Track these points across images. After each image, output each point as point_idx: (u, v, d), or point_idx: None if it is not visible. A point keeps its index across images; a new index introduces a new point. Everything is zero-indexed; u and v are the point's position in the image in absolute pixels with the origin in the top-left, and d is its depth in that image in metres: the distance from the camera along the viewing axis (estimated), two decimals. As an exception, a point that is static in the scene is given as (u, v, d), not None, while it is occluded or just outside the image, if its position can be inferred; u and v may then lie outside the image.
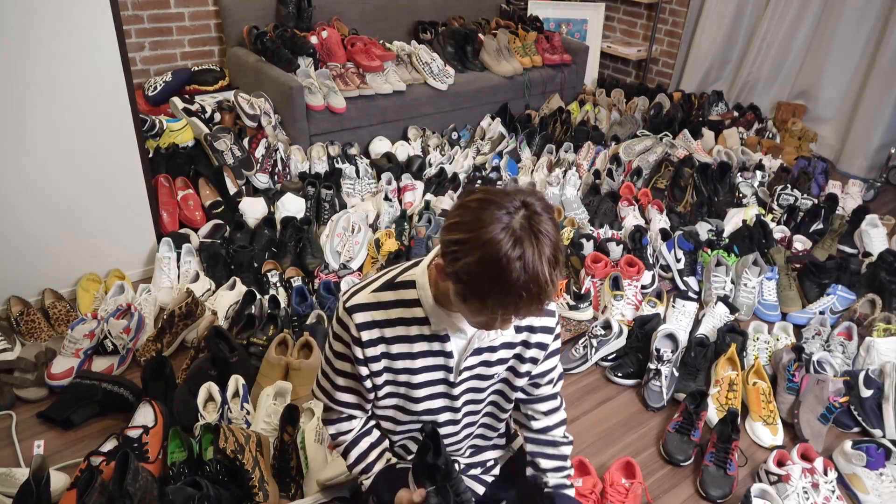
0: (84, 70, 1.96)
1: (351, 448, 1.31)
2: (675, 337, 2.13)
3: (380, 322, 1.12)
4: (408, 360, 1.16)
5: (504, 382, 1.27)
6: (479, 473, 1.42)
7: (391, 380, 1.20)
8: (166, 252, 2.34)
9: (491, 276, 0.90)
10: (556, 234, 0.93)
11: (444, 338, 1.15)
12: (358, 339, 1.12)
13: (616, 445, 1.88)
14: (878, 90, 3.52)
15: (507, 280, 0.90)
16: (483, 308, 0.95)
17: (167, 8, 3.23)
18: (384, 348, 1.15)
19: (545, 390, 1.32)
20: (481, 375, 1.23)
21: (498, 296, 0.92)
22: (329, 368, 1.23)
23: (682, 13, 4.27)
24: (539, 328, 1.21)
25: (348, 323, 1.13)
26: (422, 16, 3.85)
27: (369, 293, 1.13)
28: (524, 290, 0.91)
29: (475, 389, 1.25)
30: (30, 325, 2.04)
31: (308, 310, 2.14)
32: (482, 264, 0.90)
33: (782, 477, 1.70)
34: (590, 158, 3.35)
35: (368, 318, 1.12)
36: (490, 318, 0.98)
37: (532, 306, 0.94)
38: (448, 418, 1.27)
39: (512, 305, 0.93)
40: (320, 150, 3.04)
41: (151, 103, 3.09)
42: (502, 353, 1.21)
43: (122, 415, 1.79)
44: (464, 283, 0.94)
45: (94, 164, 2.10)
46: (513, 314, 0.96)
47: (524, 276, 0.90)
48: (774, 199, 3.07)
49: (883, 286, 2.46)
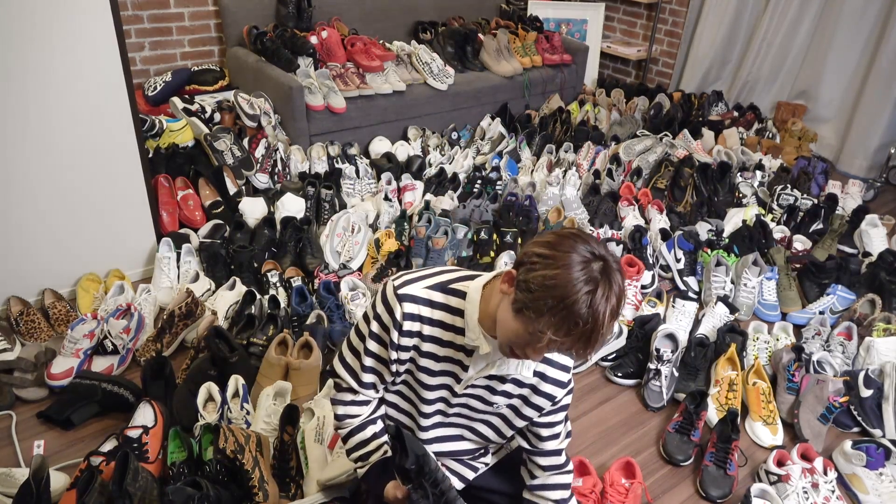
0: (84, 70, 1.96)
1: (355, 433, 1.31)
2: (674, 337, 2.13)
3: (423, 318, 1.16)
4: (431, 360, 1.21)
5: (501, 418, 1.29)
6: (468, 459, 1.42)
7: (410, 371, 1.24)
8: (166, 252, 2.34)
9: (558, 295, 0.95)
10: (623, 293, 0.99)
11: (469, 352, 1.18)
12: (399, 325, 1.16)
13: (616, 445, 1.88)
14: (877, 90, 3.52)
15: (571, 304, 0.94)
16: (534, 323, 0.98)
17: (167, 8, 3.23)
18: (417, 342, 1.19)
19: (549, 445, 1.32)
20: (482, 398, 1.26)
21: (555, 315, 0.95)
22: (360, 348, 1.24)
23: (682, 13, 4.27)
24: (551, 379, 1.23)
25: (395, 307, 1.15)
26: (422, 16, 3.85)
27: (423, 288, 1.16)
28: (580, 321, 0.95)
29: (471, 408, 1.29)
30: (30, 325, 2.04)
31: (308, 310, 2.14)
32: (555, 280, 0.95)
33: (782, 477, 1.70)
34: (590, 158, 3.35)
35: (415, 311, 1.16)
36: (532, 339, 1.00)
37: (579, 342, 0.97)
38: (438, 421, 1.32)
39: (563, 330, 0.96)
40: (320, 150, 3.04)
41: (151, 103, 3.09)
42: (509, 387, 1.23)
43: (122, 415, 1.79)
44: (530, 294, 0.98)
45: (93, 164, 2.10)
46: (558, 341, 0.98)
47: (586, 310, 0.94)
48: (774, 199, 3.07)
49: (883, 286, 2.46)
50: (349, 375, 1.28)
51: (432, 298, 1.16)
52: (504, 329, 1.05)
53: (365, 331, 1.22)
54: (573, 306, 0.94)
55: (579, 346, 0.98)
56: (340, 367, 1.29)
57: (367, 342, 1.22)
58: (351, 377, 1.27)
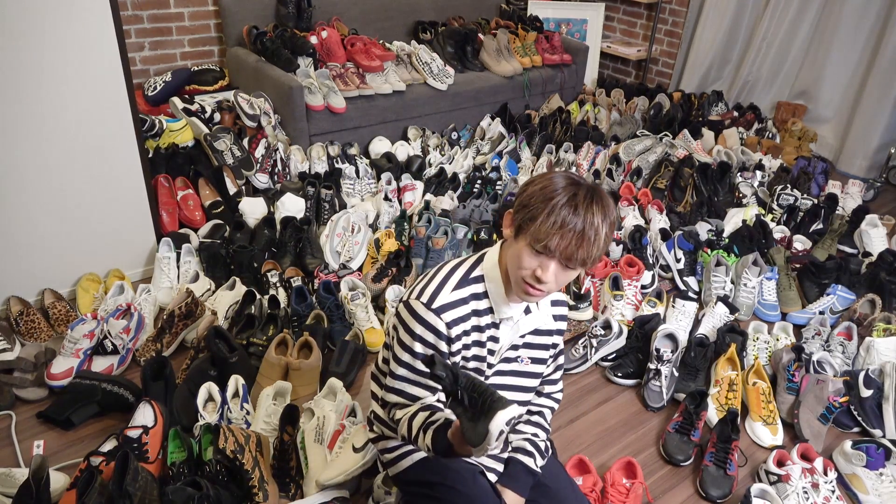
0: (84, 70, 1.96)
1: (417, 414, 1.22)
2: (674, 337, 2.13)
3: (463, 317, 1.21)
4: (477, 347, 1.25)
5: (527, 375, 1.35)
6: (497, 453, 1.40)
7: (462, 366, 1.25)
8: (166, 252, 2.33)
9: (547, 197, 1.07)
10: (613, 211, 1.11)
11: (498, 325, 1.25)
12: (447, 336, 1.19)
13: (616, 445, 1.88)
14: (877, 90, 3.52)
15: (558, 201, 1.06)
16: (533, 233, 1.08)
17: (167, 8, 3.23)
18: (465, 340, 1.22)
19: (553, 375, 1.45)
20: (509, 359, 1.32)
21: (549, 215, 1.06)
22: (412, 374, 1.22)
23: (682, 13, 4.27)
24: (558, 316, 1.35)
25: (436, 323, 1.18)
26: (422, 16, 3.85)
27: (450, 292, 1.20)
28: (570, 215, 1.06)
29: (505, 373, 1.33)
30: (30, 325, 2.04)
31: (308, 310, 2.14)
32: (544, 189, 1.09)
33: (782, 477, 1.70)
34: (590, 158, 3.35)
35: (455, 315, 1.19)
36: (537, 253, 1.09)
37: (574, 241, 1.06)
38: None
39: (558, 225, 1.06)
40: (320, 150, 3.04)
41: (151, 103, 3.09)
42: (529, 338, 1.31)
43: (122, 415, 1.79)
44: (525, 210, 1.10)
45: (93, 164, 2.10)
46: (556, 240, 1.07)
47: (570, 209, 1.06)
48: (774, 199, 3.07)
49: (883, 286, 2.46)
50: (409, 399, 1.24)
51: (462, 297, 1.20)
52: (513, 264, 1.14)
53: (407, 358, 1.21)
54: (561, 202, 1.06)
55: (574, 247, 1.06)
56: (395, 397, 1.25)
57: (416, 367, 1.21)
58: (411, 399, 1.24)
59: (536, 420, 1.43)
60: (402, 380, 1.24)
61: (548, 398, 1.46)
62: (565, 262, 1.10)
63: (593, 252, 1.08)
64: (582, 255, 1.08)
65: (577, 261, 1.09)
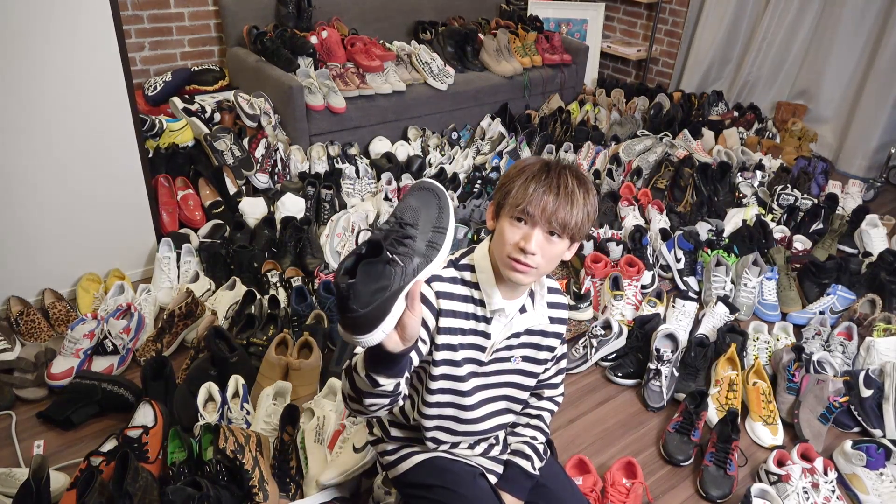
0: (84, 70, 1.96)
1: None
2: (675, 337, 2.13)
3: (453, 294, 1.19)
4: (459, 335, 1.21)
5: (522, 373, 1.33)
6: (497, 454, 1.40)
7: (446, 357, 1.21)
8: (166, 252, 2.33)
9: (519, 170, 1.13)
10: (588, 180, 1.14)
11: (489, 321, 1.22)
12: (437, 309, 1.17)
13: (616, 445, 1.88)
14: (877, 90, 3.53)
15: (530, 170, 1.12)
16: (513, 200, 1.10)
17: (167, 8, 3.23)
18: (456, 323, 1.19)
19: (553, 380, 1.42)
20: (504, 359, 1.30)
21: (524, 183, 1.10)
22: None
23: (682, 13, 4.27)
24: (557, 319, 1.32)
25: (426, 291, 1.15)
26: (422, 16, 3.85)
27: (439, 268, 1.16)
28: (544, 179, 1.09)
29: (499, 372, 1.31)
30: (30, 325, 2.04)
31: (308, 310, 2.14)
32: (516, 167, 1.15)
33: (782, 477, 1.70)
34: (590, 158, 3.35)
35: (445, 289, 1.18)
36: (519, 223, 1.11)
37: (550, 198, 1.08)
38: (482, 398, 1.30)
39: (532, 186, 1.09)
40: (320, 150, 3.04)
41: (151, 103, 3.09)
42: (524, 338, 1.28)
43: (122, 415, 1.79)
44: (503, 189, 1.14)
45: (94, 164, 2.10)
46: (536, 200, 1.09)
47: (543, 173, 1.10)
48: (774, 199, 3.07)
49: (883, 286, 2.46)
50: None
51: (453, 276, 1.20)
52: (498, 244, 1.15)
53: None
54: (532, 171, 1.11)
55: (554, 205, 1.08)
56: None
57: None
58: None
59: (535, 423, 1.42)
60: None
61: (549, 401, 1.44)
62: (547, 225, 1.09)
63: (574, 214, 1.09)
64: (563, 215, 1.08)
65: (558, 223, 1.09)
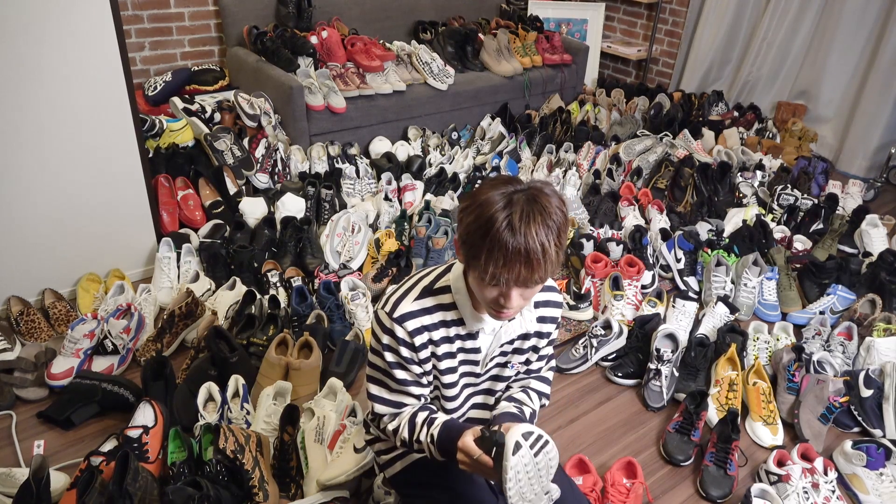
0: (84, 70, 1.96)
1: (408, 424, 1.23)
2: (675, 337, 2.13)
3: (427, 327, 1.18)
4: (449, 359, 1.22)
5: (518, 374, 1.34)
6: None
7: (436, 377, 1.25)
8: (166, 252, 2.33)
9: (483, 232, 0.99)
10: (559, 211, 1.00)
11: (475, 336, 1.22)
12: (411, 344, 1.17)
13: (616, 445, 1.88)
14: (877, 90, 3.52)
15: (494, 233, 0.97)
16: (481, 269, 1.01)
17: (167, 8, 3.23)
18: (433, 349, 1.20)
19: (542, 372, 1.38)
20: (501, 365, 1.30)
21: (489, 251, 0.99)
22: (391, 381, 1.21)
23: (682, 13, 4.27)
24: (549, 318, 1.28)
25: (396, 331, 1.16)
26: (422, 16, 3.85)
27: (412, 301, 1.17)
28: (510, 246, 0.97)
29: (495, 378, 1.32)
30: (30, 325, 2.04)
31: (308, 310, 2.14)
32: (477, 222, 1.00)
33: (782, 477, 1.70)
34: (590, 158, 3.35)
35: (417, 325, 1.17)
36: (490, 284, 1.03)
37: (525, 269, 0.99)
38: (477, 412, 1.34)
39: (501, 261, 0.98)
40: (320, 150, 3.04)
41: (151, 103, 3.09)
42: (518, 344, 1.27)
43: (122, 415, 1.79)
44: (466, 246, 1.03)
45: (93, 164, 2.10)
46: (507, 277, 1.01)
47: (509, 233, 0.97)
48: (774, 199, 3.07)
49: (883, 286, 2.46)
50: (391, 407, 1.24)
51: (425, 306, 1.18)
52: (475, 289, 1.10)
53: (384, 365, 1.21)
54: (497, 235, 0.97)
55: (526, 273, 1.00)
56: (382, 406, 1.24)
57: (393, 372, 1.20)
58: (394, 407, 1.24)
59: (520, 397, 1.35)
60: (381, 385, 1.24)
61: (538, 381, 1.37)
62: (522, 285, 1.05)
63: (547, 269, 1.02)
64: (537, 276, 1.02)
65: (533, 282, 1.04)
